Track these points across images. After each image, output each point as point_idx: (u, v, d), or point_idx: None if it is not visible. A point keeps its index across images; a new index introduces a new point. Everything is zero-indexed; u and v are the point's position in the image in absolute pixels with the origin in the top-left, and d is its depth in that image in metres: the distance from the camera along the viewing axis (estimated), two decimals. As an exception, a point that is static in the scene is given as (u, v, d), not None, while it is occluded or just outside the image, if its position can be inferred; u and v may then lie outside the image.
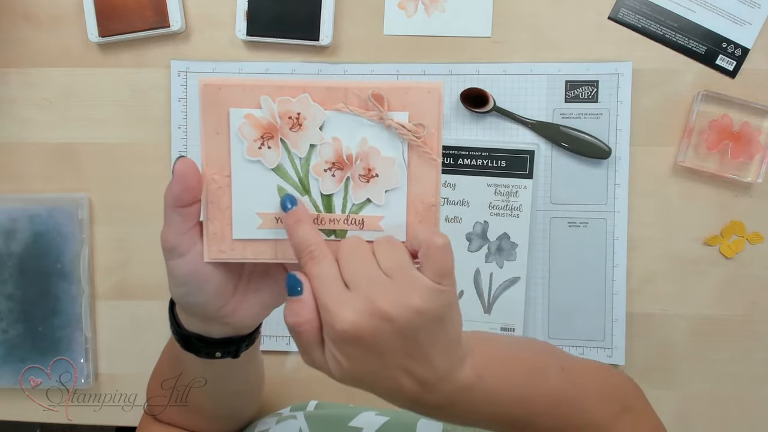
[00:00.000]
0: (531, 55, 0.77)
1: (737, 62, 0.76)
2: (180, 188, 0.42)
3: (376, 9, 0.78)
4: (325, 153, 0.43)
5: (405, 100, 0.42)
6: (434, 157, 0.43)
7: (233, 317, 0.47)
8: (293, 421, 0.63)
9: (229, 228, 0.44)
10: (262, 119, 0.42)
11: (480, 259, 0.76)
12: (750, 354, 0.77)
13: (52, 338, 0.79)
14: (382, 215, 0.44)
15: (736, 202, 0.77)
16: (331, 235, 0.44)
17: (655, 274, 0.77)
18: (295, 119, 0.42)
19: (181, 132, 0.79)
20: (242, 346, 0.51)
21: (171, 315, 0.50)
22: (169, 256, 0.44)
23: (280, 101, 0.42)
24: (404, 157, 0.43)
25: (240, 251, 0.44)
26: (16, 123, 0.80)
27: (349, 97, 0.42)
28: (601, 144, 0.76)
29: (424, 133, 0.42)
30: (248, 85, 0.42)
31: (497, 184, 0.76)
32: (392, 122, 0.42)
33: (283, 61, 0.78)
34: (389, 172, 0.43)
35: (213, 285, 0.44)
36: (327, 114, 0.42)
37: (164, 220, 0.43)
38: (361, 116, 0.42)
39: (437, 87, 0.42)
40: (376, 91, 0.42)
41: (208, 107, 0.42)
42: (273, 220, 0.44)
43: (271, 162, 0.43)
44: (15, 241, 0.79)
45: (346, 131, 0.43)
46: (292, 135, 0.43)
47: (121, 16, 0.77)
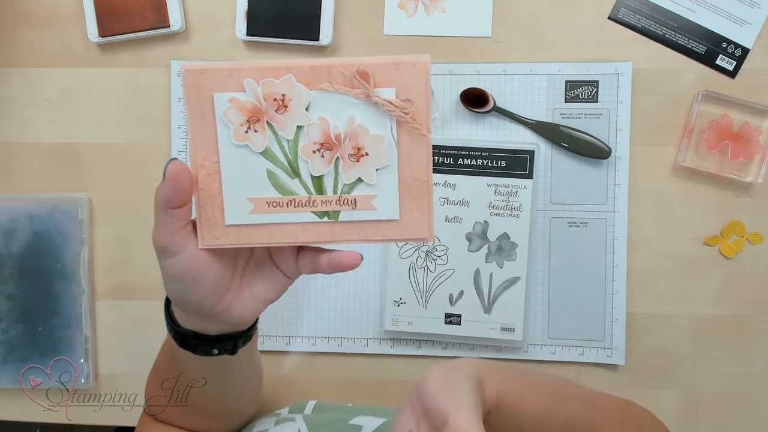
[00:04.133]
0: (531, 55, 0.77)
1: (737, 62, 0.76)
2: (171, 191, 0.41)
3: (376, 9, 0.78)
4: (313, 134, 0.42)
5: (391, 75, 0.41)
6: (424, 132, 0.42)
7: (229, 313, 0.47)
8: (292, 423, 0.63)
9: (221, 214, 0.43)
10: (246, 103, 0.42)
11: (480, 259, 0.76)
12: (750, 354, 0.77)
13: (52, 338, 0.79)
14: (375, 194, 0.43)
15: (736, 202, 0.77)
16: (324, 217, 0.43)
17: (655, 274, 0.77)
18: (280, 101, 0.42)
19: (181, 132, 0.79)
20: (239, 343, 0.51)
21: (167, 313, 0.50)
22: (162, 255, 0.44)
23: (263, 83, 0.41)
24: (393, 134, 0.42)
25: (234, 237, 0.44)
26: (17, 123, 0.80)
27: (334, 75, 0.41)
28: (601, 144, 0.76)
29: (412, 108, 0.42)
30: (231, 69, 0.41)
31: (497, 184, 0.76)
32: (379, 99, 0.41)
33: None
34: (379, 150, 0.42)
35: (207, 282, 0.44)
36: (312, 94, 0.42)
37: (155, 221, 0.43)
38: (346, 95, 0.42)
39: (424, 61, 0.41)
40: (361, 67, 0.41)
41: (192, 93, 0.42)
42: (265, 205, 0.43)
43: (258, 146, 0.42)
44: (15, 241, 0.79)
45: (332, 111, 0.42)
46: (278, 117, 0.42)
47: (121, 16, 0.77)
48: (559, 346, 0.78)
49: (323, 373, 0.80)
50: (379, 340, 0.79)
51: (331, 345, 0.79)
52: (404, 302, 0.77)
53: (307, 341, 0.80)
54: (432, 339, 0.78)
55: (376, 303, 0.79)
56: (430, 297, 0.77)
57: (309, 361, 0.80)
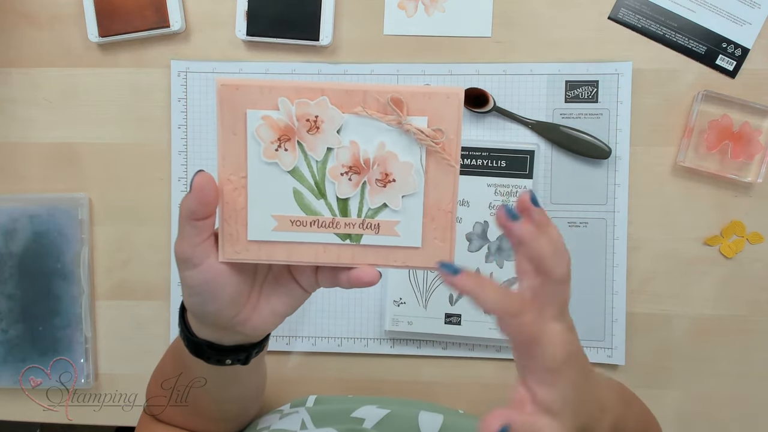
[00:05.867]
0: (531, 55, 0.77)
1: (737, 62, 0.76)
2: (197, 202, 0.42)
3: (376, 9, 0.78)
4: (342, 156, 0.43)
5: (424, 105, 0.42)
6: (452, 163, 0.43)
7: (246, 326, 0.47)
8: (295, 416, 0.63)
9: (244, 229, 0.44)
10: (279, 121, 0.42)
11: (480, 259, 0.76)
12: (750, 354, 0.77)
13: (52, 338, 0.79)
14: (399, 220, 0.43)
15: (736, 202, 0.77)
16: (346, 240, 0.44)
17: (655, 274, 0.77)
18: (313, 122, 0.42)
19: (181, 132, 0.79)
20: (252, 354, 0.51)
21: (182, 322, 0.50)
22: (184, 267, 0.44)
23: (298, 103, 0.42)
24: (422, 162, 0.43)
25: (255, 252, 0.44)
26: (17, 123, 0.80)
27: (368, 100, 0.42)
28: (601, 144, 0.76)
29: (442, 138, 0.42)
30: (266, 86, 0.42)
31: (497, 184, 0.76)
32: (411, 127, 0.42)
33: (283, 61, 0.78)
34: (407, 177, 0.43)
35: (226, 294, 0.45)
36: (345, 117, 0.42)
37: (179, 232, 0.43)
38: (379, 120, 0.42)
39: (457, 92, 0.42)
40: (396, 95, 0.41)
41: (225, 108, 0.42)
42: (288, 223, 0.43)
43: (287, 164, 0.43)
44: (15, 241, 0.79)
45: (363, 135, 0.42)
46: (309, 138, 0.42)
47: (121, 16, 0.77)
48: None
49: (323, 373, 0.80)
50: (379, 340, 0.79)
51: (331, 345, 0.79)
52: (404, 302, 0.77)
53: (308, 341, 0.80)
54: (432, 339, 0.78)
55: (376, 303, 0.79)
56: (430, 297, 0.77)
57: (309, 361, 0.80)
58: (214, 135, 0.79)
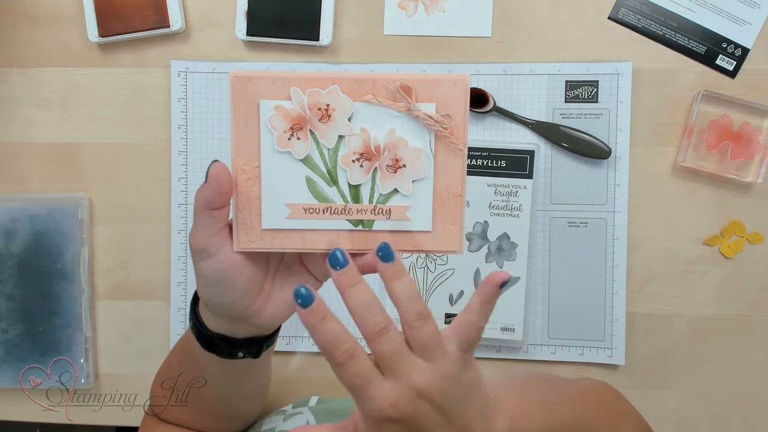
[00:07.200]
0: (531, 55, 0.77)
1: (737, 62, 0.76)
2: (213, 192, 0.42)
3: (376, 9, 0.78)
4: (354, 144, 0.43)
5: (432, 91, 0.43)
6: (461, 147, 0.43)
7: (259, 316, 0.47)
8: (299, 416, 0.63)
9: (258, 218, 0.44)
10: (291, 111, 0.43)
11: (480, 259, 0.76)
12: (750, 354, 0.77)
13: (52, 338, 0.79)
14: (410, 205, 0.44)
15: (736, 202, 0.77)
16: (359, 225, 0.44)
17: (655, 274, 0.77)
18: (325, 110, 0.43)
19: (181, 132, 0.79)
20: (264, 346, 0.52)
21: (193, 316, 0.50)
22: (199, 257, 0.44)
23: (309, 93, 0.43)
24: (431, 147, 0.44)
25: (269, 241, 0.44)
26: (17, 123, 0.80)
27: (377, 88, 0.43)
28: (601, 144, 0.76)
29: (451, 123, 0.43)
30: (278, 77, 0.43)
31: (497, 184, 0.76)
32: (420, 113, 0.43)
33: (283, 61, 0.78)
34: (417, 162, 0.44)
35: (241, 284, 0.45)
36: (355, 105, 0.43)
37: (194, 222, 0.43)
38: (389, 107, 0.43)
39: (464, 78, 0.43)
40: (405, 82, 0.42)
41: (238, 99, 0.43)
42: (301, 211, 0.44)
43: (300, 153, 0.43)
44: (15, 241, 0.79)
45: (374, 122, 0.43)
46: (321, 126, 0.43)
47: (121, 16, 0.77)
48: (559, 346, 0.78)
49: (324, 372, 0.80)
50: (379, 340, 0.79)
51: (331, 345, 0.79)
52: (404, 302, 0.77)
53: (308, 341, 0.80)
54: (432, 339, 0.78)
55: (376, 303, 0.79)
56: (430, 297, 0.77)
57: (310, 361, 0.80)
58: (214, 135, 0.79)
